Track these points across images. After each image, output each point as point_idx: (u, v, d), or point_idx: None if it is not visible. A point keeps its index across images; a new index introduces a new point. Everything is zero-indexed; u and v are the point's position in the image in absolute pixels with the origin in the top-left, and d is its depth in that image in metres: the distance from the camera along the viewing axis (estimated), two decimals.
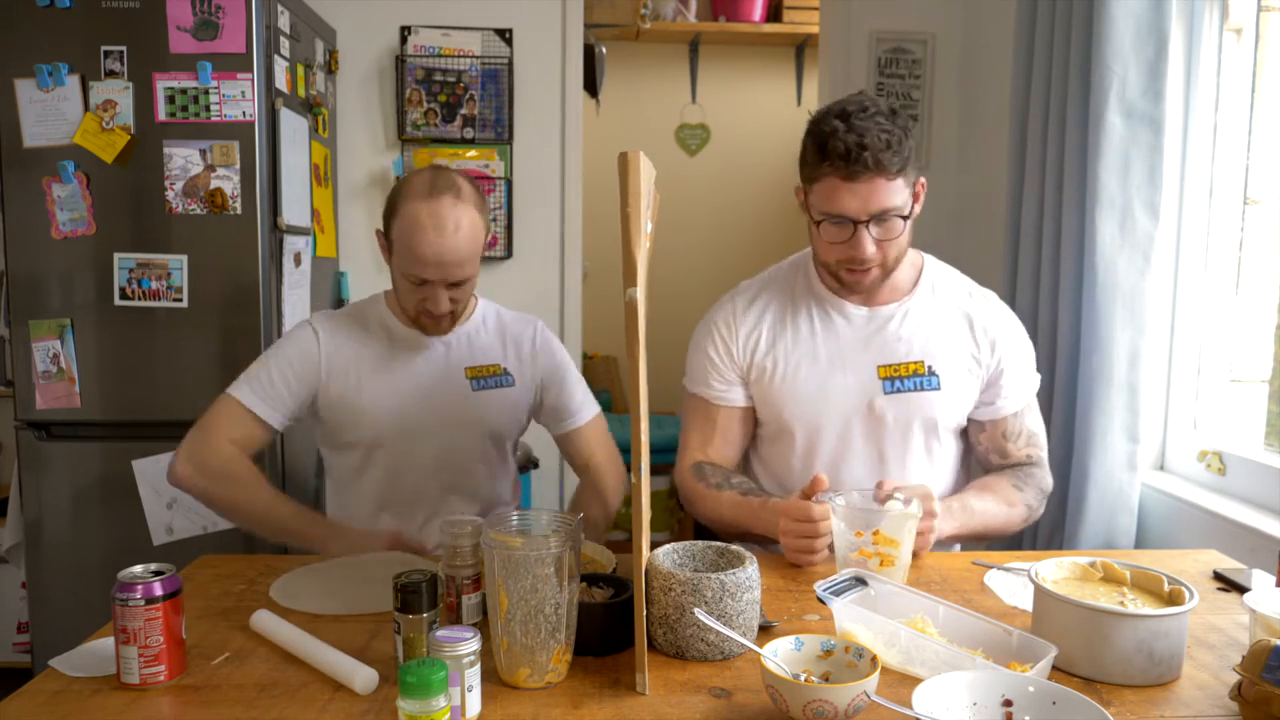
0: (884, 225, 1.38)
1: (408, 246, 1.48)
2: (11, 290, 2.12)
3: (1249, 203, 1.81)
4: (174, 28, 2.05)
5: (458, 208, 1.48)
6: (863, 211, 1.35)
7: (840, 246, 1.40)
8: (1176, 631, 1.00)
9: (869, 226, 1.37)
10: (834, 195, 1.36)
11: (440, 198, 1.47)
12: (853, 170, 1.32)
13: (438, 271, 1.48)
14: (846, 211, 1.36)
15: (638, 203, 0.94)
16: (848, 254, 1.40)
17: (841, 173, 1.33)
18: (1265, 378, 1.79)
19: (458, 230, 1.47)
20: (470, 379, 1.65)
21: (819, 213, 1.39)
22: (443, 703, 0.83)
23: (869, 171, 1.32)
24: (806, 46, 4.33)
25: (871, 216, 1.36)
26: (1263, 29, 1.78)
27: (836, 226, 1.38)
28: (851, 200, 1.35)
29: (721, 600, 1.04)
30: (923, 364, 1.48)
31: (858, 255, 1.38)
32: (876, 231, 1.38)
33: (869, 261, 1.40)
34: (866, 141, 1.31)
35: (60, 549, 2.15)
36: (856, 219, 1.36)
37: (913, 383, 1.47)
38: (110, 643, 1.01)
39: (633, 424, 0.99)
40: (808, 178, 1.41)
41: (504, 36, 2.79)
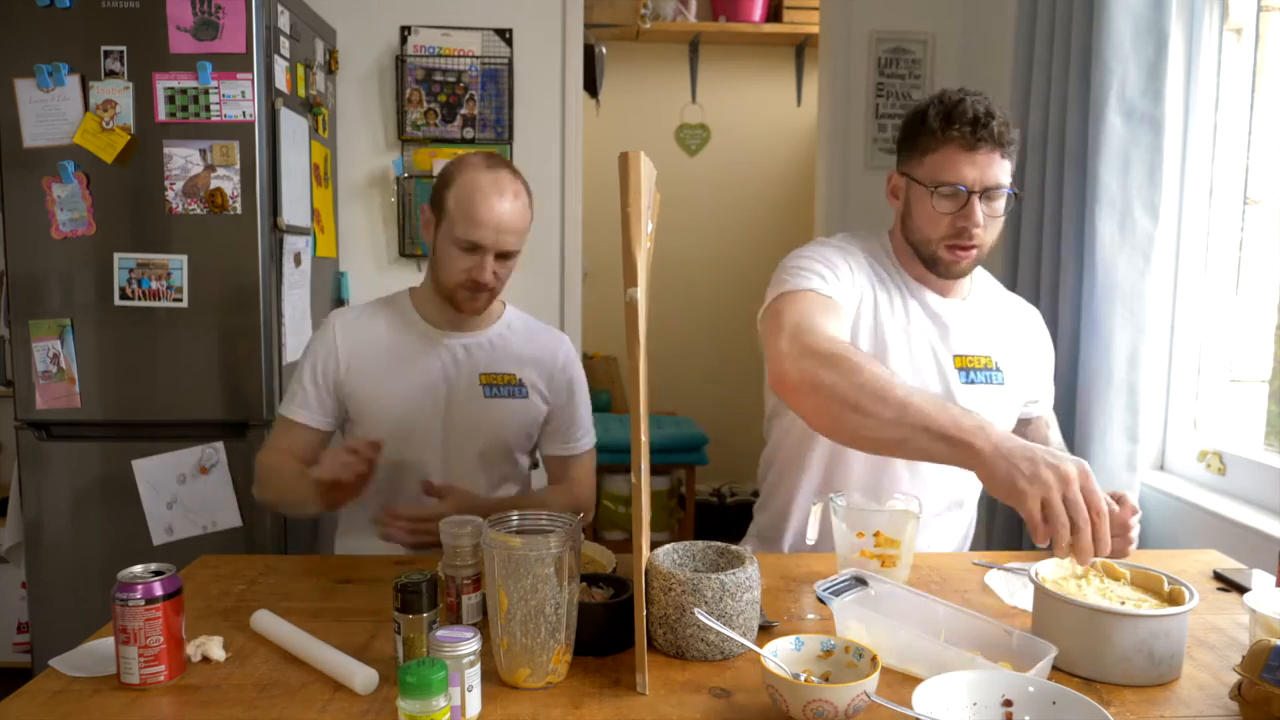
0: (993, 202, 1.41)
1: (466, 209, 1.51)
2: (11, 290, 2.12)
3: (1249, 203, 1.81)
4: (174, 28, 2.06)
5: (515, 181, 1.55)
6: (979, 182, 1.38)
7: (950, 219, 1.40)
8: (1176, 631, 1.00)
9: (981, 199, 1.39)
10: (954, 163, 1.38)
11: (500, 170, 1.54)
12: (978, 138, 1.37)
13: (493, 236, 1.51)
14: (964, 180, 1.38)
15: (638, 203, 0.94)
16: (957, 226, 1.40)
17: (966, 141, 1.37)
18: (1265, 378, 1.80)
19: (516, 198, 1.53)
20: (484, 385, 1.64)
21: (933, 182, 1.40)
22: (443, 703, 0.83)
23: (991, 142, 1.37)
24: (806, 46, 4.33)
25: (985, 189, 1.39)
26: (1263, 29, 1.78)
27: (950, 198, 1.40)
28: (970, 170, 1.38)
29: (721, 600, 1.04)
30: (990, 359, 1.51)
31: (969, 226, 1.39)
32: (985, 208, 1.40)
33: (976, 235, 1.40)
34: (994, 113, 1.37)
35: (60, 549, 2.15)
36: (972, 189, 1.38)
37: (983, 376, 1.50)
38: (110, 643, 1.01)
39: (633, 424, 0.99)
40: (923, 148, 1.42)
41: (504, 36, 2.79)
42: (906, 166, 1.47)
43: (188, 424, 2.15)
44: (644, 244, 0.98)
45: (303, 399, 1.61)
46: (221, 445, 2.13)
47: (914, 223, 1.46)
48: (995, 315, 1.55)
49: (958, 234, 1.40)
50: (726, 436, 4.25)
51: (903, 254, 1.52)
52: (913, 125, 1.45)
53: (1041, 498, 1.00)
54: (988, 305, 1.56)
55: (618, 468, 3.69)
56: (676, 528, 3.96)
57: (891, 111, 2.93)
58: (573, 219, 2.89)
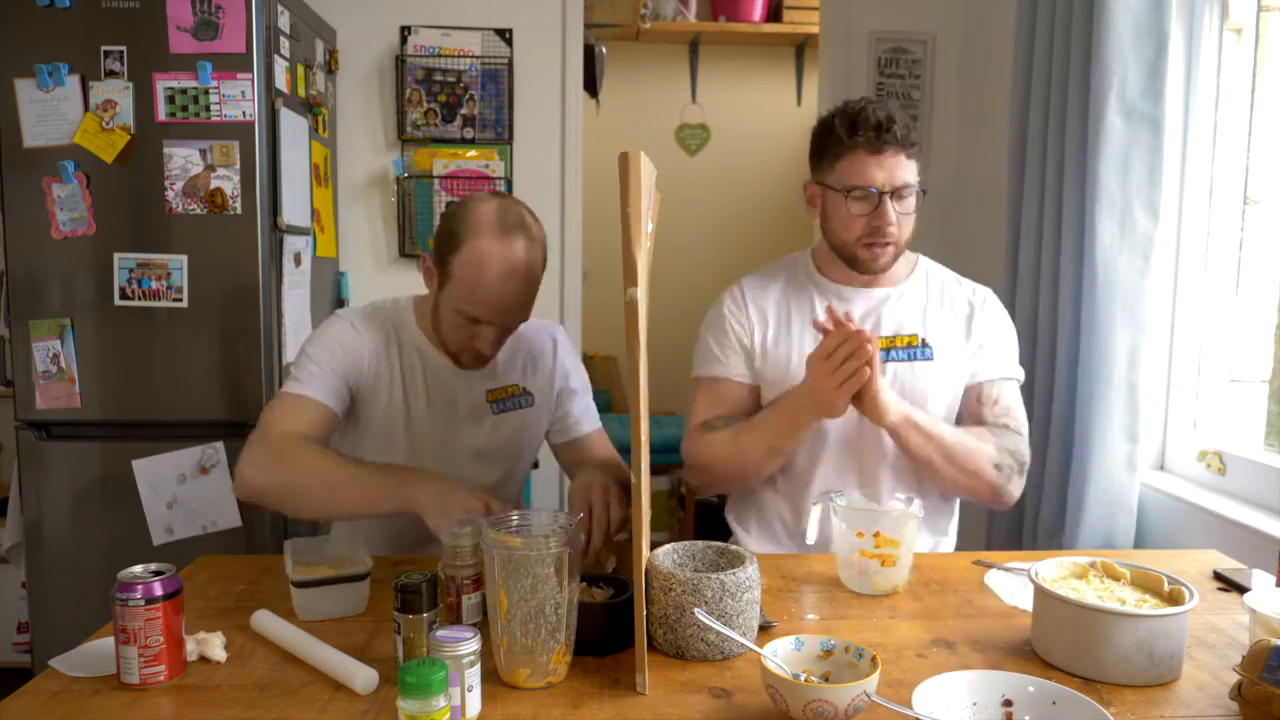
0: (903, 200, 1.48)
1: (470, 286, 1.39)
2: (11, 290, 2.12)
3: (1249, 203, 1.81)
4: (174, 28, 2.05)
5: (530, 250, 1.42)
6: (887, 183, 1.46)
7: (864, 219, 1.48)
8: (1176, 631, 1.00)
9: (891, 199, 1.46)
10: (862, 168, 1.46)
11: (513, 239, 1.40)
12: (883, 141, 1.44)
13: (497, 315, 1.43)
14: (874, 183, 1.45)
15: (638, 203, 0.94)
16: (871, 225, 1.47)
17: (871, 145, 1.44)
18: (1265, 378, 1.80)
19: (527, 275, 1.42)
20: (491, 402, 1.58)
21: (844, 186, 1.48)
22: (443, 703, 0.83)
23: (895, 145, 1.44)
24: (806, 46, 4.33)
25: (894, 189, 1.46)
26: (1263, 29, 1.78)
27: (862, 200, 1.47)
28: (878, 172, 1.45)
29: (721, 600, 1.04)
30: (916, 336, 1.55)
31: (882, 225, 1.46)
32: (897, 205, 1.47)
33: (891, 234, 1.47)
34: (895, 117, 1.45)
35: (60, 549, 2.15)
36: (882, 190, 1.45)
37: (906, 353, 1.54)
38: (110, 643, 1.01)
39: (633, 424, 0.99)
40: (833, 156, 1.50)
41: (504, 36, 2.79)
42: (819, 175, 1.55)
43: (188, 424, 2.14)
44: (644, 244, 0.98)
45: (313, 376, 1.45)
46: (221, 445, 2.13)
47: (831, 227, 1.54)
48: (929, 298, 1.59)
49: (872, 233, 1.48)
50: None
51: (825, 259, 1.61)
52: (821, 136, 1.52)
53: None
54: (923, 290, 1.60)
55: None
56: (676, 528, 3.96)
57: None
58: (573, 219, 2.89)
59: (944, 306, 1.59)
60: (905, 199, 1.48)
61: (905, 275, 1.60)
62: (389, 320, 1.55)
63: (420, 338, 1.55)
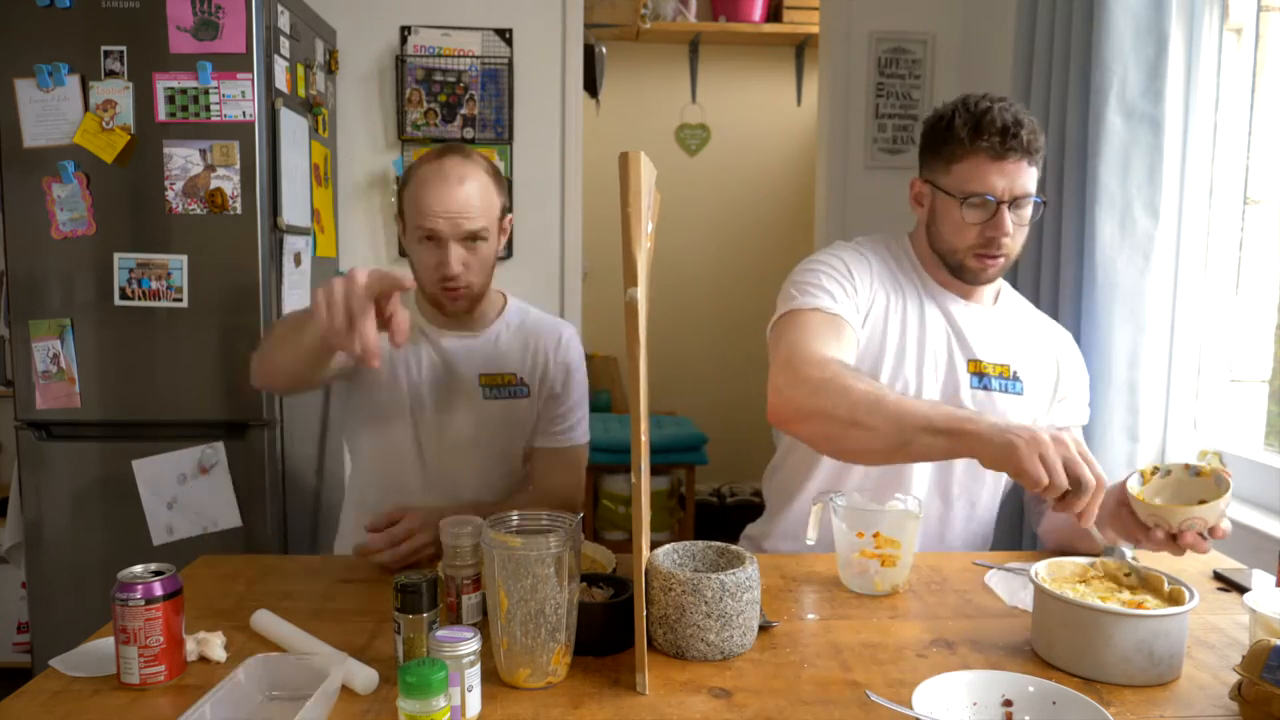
0: (1021, 210, 1.40)
1: (416, 201, 1.48)
2: (11, 290, 2.12)
3: (1249, 203, 1.81)
4: (174, 28, 2.06)
5: (465, 164, 1.50)
6: (1008, 192, 1.37)
7: (978, 229, 1.40)
8: (1176, 631, 1.00)
9: (1010, 209, 1.38)
10: (983, 174, 1.37)
11: (449, 155, 1.51)
12: (1007, 148, 1.35)
13: (446, 222, 1.46)
14: (994, 190, 1.37)
15: (638, 203, 0.94)
16: (986, 235, 1.40)
17: (995, 151, 1.36)
18: (1265, 378, 1.80)
19: (463, 181, 1.48)
20: (483, 386, 1.59)
21: (961, 192, 1.39)
22: (443, 703, 0.83)
23: (1020, 152, 1.36)
24: (806, 46, 4.33)
25: (1014, 199, 1.38)
26: (1263, 29, 1.78)
27: (979, 208, 1.39)
28: (1000, 180, 1.37)
29: (721, 600, 1.04)
30: (1008, 368, 1.49)
31: (998, 236, 1.38)
32: (1014, 216, 1.39)
33: (1005, 245, 1.40)
34: (1023, 121, 1.36)
35: (60, 549, 2.15)
36: (1001, 199, 1.37)
37: (999, 384, 1.48)
38: (110, 643, 1.01)
39: (633, 424, 0.99)
40: (949, 157, 1.41)
41: (504, 36, 2.79)
42: (931, 174, 1.45)
43: (188, 424, 2.14)
44: (644, 244, 0.98)
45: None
46: (221, 445, 2.13)
47: (940, 231, 1.45)
48: (1021, 328, 1.52)
49: (986, 243, 1.40)
50: (726, 436, 4.25)
51: (926, 258, 1.52)
52: (937, 132, 1.43)
53: (1039, 454, 1.06)
54: (1014, 317, 1.54)
55: (618, 468, 3.69)
56: (676, 528, 3.96)
57: (891, 111, 2.93)
58: (573, 219, 2.89)
59: (1032, 343, 1.52)
60: (1023, 209, 1.39)
61: (993, 299, 1.53)
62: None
63: (413, 304, 1.61)
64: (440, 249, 1.49)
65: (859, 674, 1.02)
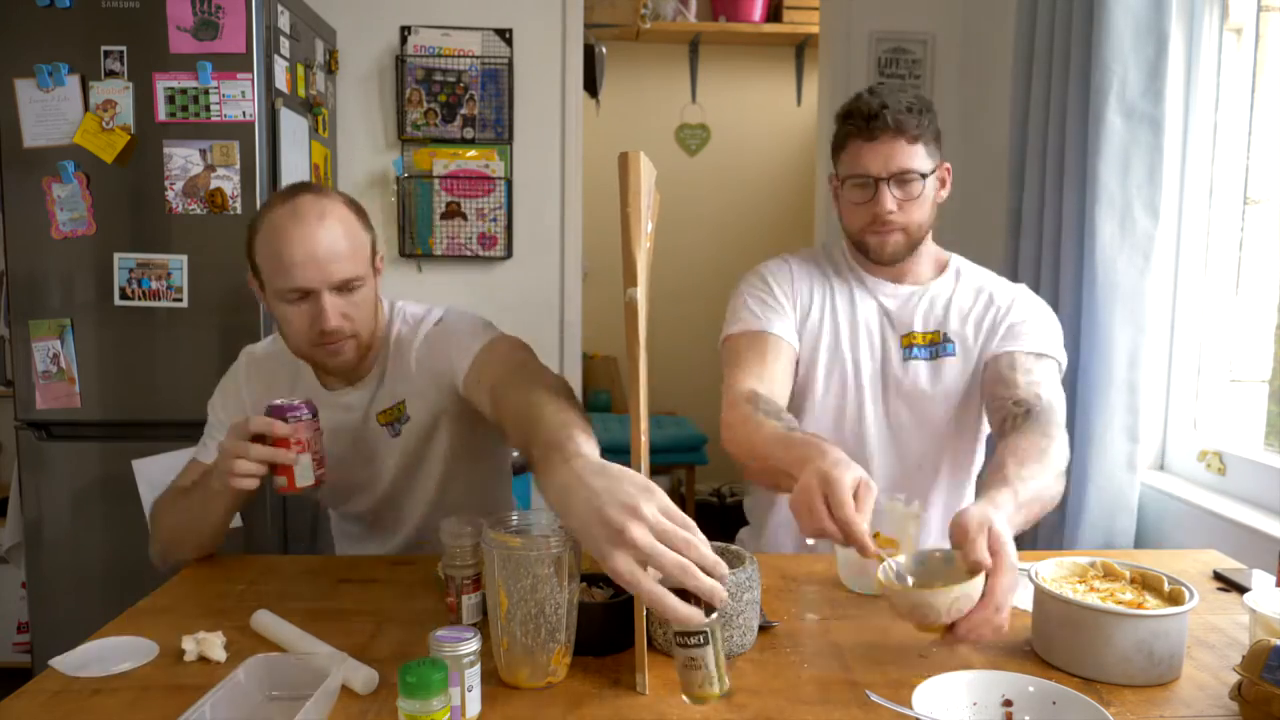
0: (905, 186, 1.46)
1: (273, 255, 1.26)
2: (11, 290, 2.12)
3: (1249, 203, 1.81)
4: (174, 28, 2.05)
5: (320, 201, 1.29)
6: (883, 170, 1.44)
7: (864, 208, 1.47)
8: (1176, 631, 1.00)
9: (890, 185, 1.44)
10: (857, 156, 1.46)
11: (296, 196, 1.29)
12: (873, 128, 1.43)
13: (314, 272, 1.25)
14: (869, 170, 1.45)
15: (638, 203, 0.94)
16: (870, 213, 1.47)
17: (864, 133, 1.44)
18: (1265, 378, 1.79)
19: (323, 218, 1.27)
20: (384, 426, 1.42)
21: (844, 175, 1.49)
22: (443, 703, 0.83)
23: (889, 130, 1.43)
24: (806, 46, 4.33)
25: (892, 175, 1.44)
26: (1263, 29, 1.78)
27: (860, 187, 1.47)
28: (873, 159, 1.44)
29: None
30: (939, 333, 1.54)
31: (880, 212, 1.45)
32: (898, 192, 1.45)
33: (891, 221, 1.46)
34: (888, 103, 1.43)
35: (60, 549, 2.15)
36: (878, 177, 1.44)
37: (928, 351, 1.53)
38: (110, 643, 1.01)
39: (633, 424, 0.99)
40: (837, 148, 1.51)
41: (504, 36, 2.79)
42: (834, 169, 1.55)
43: (188, 424, 2.11)
44: (644, 244, 0.98)
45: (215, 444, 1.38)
46: None
47: (842, 217, 1.55)
48: (960, 294, 1.56)
49: (873, 220, 1.47)
50: None
51: (853, 250, 1.59)
52: (834, 133, 1.52)
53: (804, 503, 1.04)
54: (953, 285, 1.56)
55: None
56: None
57: None
58: (573, 219, 2.89)
59: (972, 300, 1.55)
60: (908, 184, 1.45)
61: (934, 274, 1.58)
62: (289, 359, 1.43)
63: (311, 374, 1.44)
64: (311, 303, 1.27)
65: (859, 674, 1.02)
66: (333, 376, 1.43)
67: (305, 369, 1.44)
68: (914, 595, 0.97)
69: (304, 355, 1.37)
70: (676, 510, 0.89)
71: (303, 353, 1.36)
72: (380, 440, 1.44)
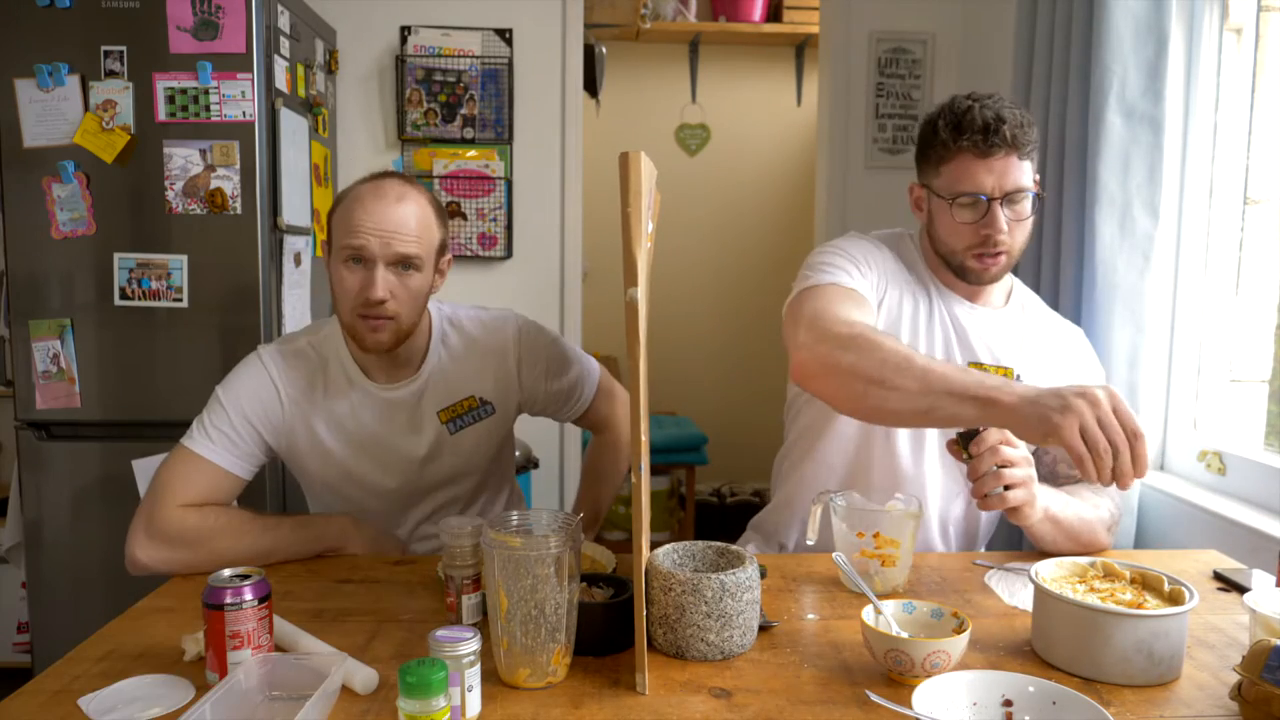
0: (1016, 205, 1.39)
1: (346, 217, 1.34)
2: (11, 290, 2.12)
3: (1249, 203, 1.81)
4: (174, 28, 2.06)
5: (405, 186, 1.38)
6: (998, 188, 1.37)
7: (972, 228, 1.39)
8: (1176, 631, 1.00)
9: (1002, 205, 1.38)
10: (970, 172, 1.37)
11: (385, 178, 1.39)
12: (990, 144, 1.35)
13: (375, 239, 1.32)
14: (982, 188, 1.37)
15: (638, 203, 0.94)
16: (980, 234, 1.39)
17: (978, 149, 1.36)
18: (1265, 378, 1.79)
19: (401, 200, 1.35)
20: (445, 423, 1.47)
21: (950, 193, 1.40)
22: (443, 703, 0.83)
23: (1005, 147, 1.35)
24: (806, 46, 4.33)
25: (1005, 195, 1.37)
26: (1263, 29, 1.78)
27: (970, 207, 1.39)
28: (987, 177, 1.37)
29: (721, 600, 1.04)
30: (1011, 370, 1.47)
31: (993, 234, 1.38)
32: (1008, 212, 1.39)
33: (1002, 242, 1.39)
34: (1005, 116, 1.35)
35: (60, 549, 2.15)
36: (991, 196, 1.37)
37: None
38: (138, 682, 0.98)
39: (633, 424, 0.99)
40: (937, 160, 1.42)
41: (504, 36, 2.79)
42: (925, 178, 1.47)
43: (188, 424, 2.13)
44: (644, 244, 0.99)
45: (228, 440, 1.39)
46: None
47: (939, 234, 1.45)
48: (1028, 329, 1.52)
49: (983, 242, 1.40)
50: (726, 436, 4.25)
51: (931, 260, 1.52)
52: (926, 137, 1.44)
53: (1079, 425, 1.03)
54: (1021, 318, 1.53)
55: None
56: (676, 528, 3.96)
57: (891, 111, 2.93)
58: (573, 219, 2.89)
59: (1042, 342, 1.51)
60: (1018, 204, 1.39)
61: (1003, 300, 1.53)
62: (316, 350, 1.46)
63: (349, 362, 1.46)
64: (366, 270, 1.34)
65: (859, 674, 1.02)
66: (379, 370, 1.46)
67: (332, 364, 1.46)
68: (892, 640, 0.97)
69: (347, 324, 1.40)
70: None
71: (345, 320, 1.40)
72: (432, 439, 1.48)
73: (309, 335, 1.48)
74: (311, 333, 1.49)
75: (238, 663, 0.96)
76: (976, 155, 1.36)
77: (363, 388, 1.45)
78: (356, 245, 1.33)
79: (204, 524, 1.34)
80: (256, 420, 1.41)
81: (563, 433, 2.91)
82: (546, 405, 1.60)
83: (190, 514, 1.34)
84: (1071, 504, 1.37)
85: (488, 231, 2.81)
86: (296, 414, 1.43)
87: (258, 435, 1.42)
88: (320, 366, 1.45)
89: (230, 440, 1.39)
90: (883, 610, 1.05)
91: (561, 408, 1.62)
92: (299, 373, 1.44)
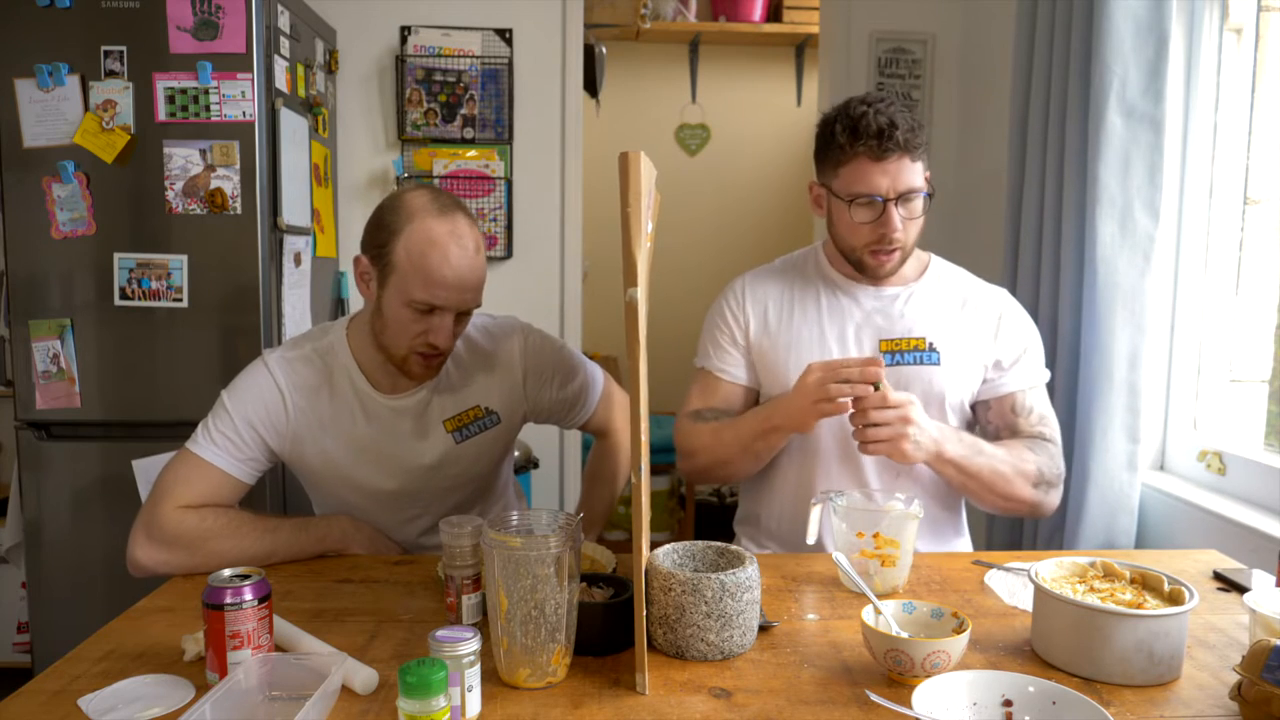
0: (910, 204, 1.45)
1: (422, 267, 1.30)
2: (11, 290, 2.12)
3: (1249, 203, 1.81)
4: (174, 28, 2.05)
5: (474, 228, 1.37)
6: (892, 190, 1.43)
7: (869, 227, 1.45)
8: (1176, 631, 1.00)
9: (896, 205, 1.43)
10: (865, 175, 1.43)
11: (455, 215, 1.34)
12: (884, 149, 1.40)
13: (455, 296, 1.33)
14: (877, 190, 1.43)
15: (638, 203, 0.94)
16: (877, 233, 1.45)
17: (873, 153, 1.41)
18: (1265, 378, 1.79)
19: (478, 251, 1.35)
20: (452, 432, 1.48)
21: (848, 194, 1.45)
22: (443, 703, 0.83)
23: (898, 150, 1.41)
24: (806, 46, 4.33)
25: (899, 195, 1.43)
26: (1263, 29, 1.78)
27: (866, 207, 1.44)
28: (882, 179, 1.42)
29: (721, 600, 1.04)
30: (924, 340, 1.53)
31: (888, 233, 1.44)
32: (902, 210, 1.45)
33: (897, 240, 1.45)
34: (898, 121, 1.41)
35: (60, 549, 2.15)
36: (886, 197, 1.43)
37: (912, 357, 1.52)
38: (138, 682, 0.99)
39: (633, 424, 0.99)
40: (835, 162, 1.47)
41: (504, 36, 2.79)
42: (823, 178, 1.52)
43: (188, 424, 2.11)
44: (644, 244, 0.99)
45: (232, 445, 1.39)
46: None
47: (838, 232, 1.52)
48: (940, 300, 1.56)
49: (879, 240, 1.46)
50: None
51: (834, 257, 1.59)
52: (824, 139, 1.49)
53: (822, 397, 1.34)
54: (934, 291, 1.57)
55: None
56: (676, 528, 3.96)
57: None
58: (573, 219, 2.89)
59: (961, 309, 1.56)
60: (911, 203, 1.45)
61: (915, 275, 1.58)
62: (322, 357, 1.46)
63: (356, 373, 1.45)
64: (434, 318, 1.35)
65: (859, 674, 1.02)
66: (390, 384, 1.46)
67: (337, 373, 1.45)
68: (892, 640, 0.98)
69: (393, 353, 1.39)
70: None
71: (395, 351, 1.39)
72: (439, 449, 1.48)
73: (313, 342, 1.48)
74: (316, 339, 1.48)
75: (238, 663, 0.96)
76: (872, 159, 1.42)
77: (369, 396, 1.45)
78: (435, 302, 1.33)
79: (204, 526, 1.34)
80: (261, 425, 1.41)
81: (563, 433, 2.91)
82: (552, 414, 1.62)
83: (190, 516, 1.34)
84: (986, 453, 1.45)
85: (488, 231, 2.81)
86: (301, 420, 1.43)
87: (261, 440, 1.42)
88: (326, 374, 1.45)
89: (234, 444, 1.39)
90: (883, 610, 1.05)
91: (566, 415, 1.64)
92: (304, 379, 1.44)
